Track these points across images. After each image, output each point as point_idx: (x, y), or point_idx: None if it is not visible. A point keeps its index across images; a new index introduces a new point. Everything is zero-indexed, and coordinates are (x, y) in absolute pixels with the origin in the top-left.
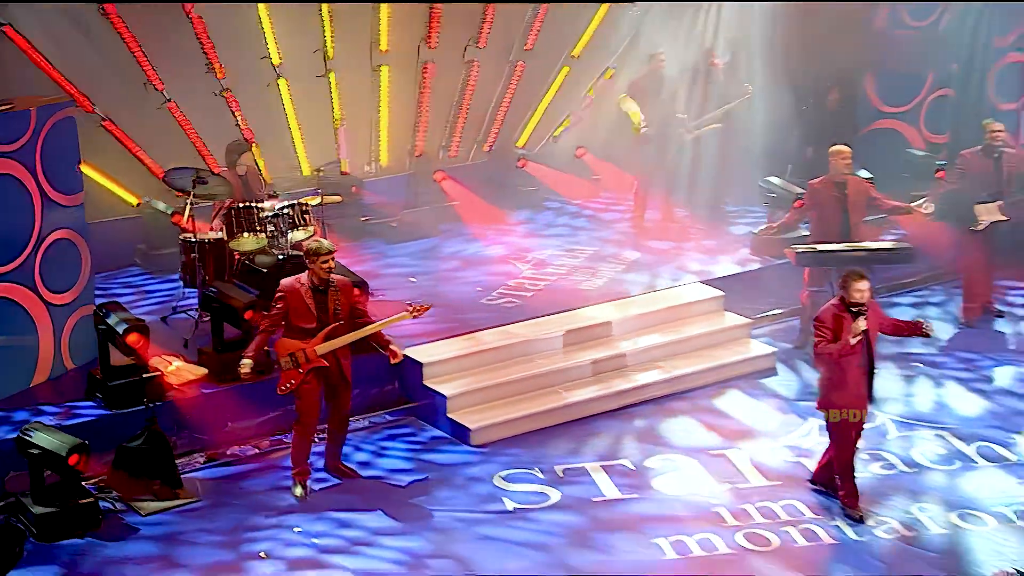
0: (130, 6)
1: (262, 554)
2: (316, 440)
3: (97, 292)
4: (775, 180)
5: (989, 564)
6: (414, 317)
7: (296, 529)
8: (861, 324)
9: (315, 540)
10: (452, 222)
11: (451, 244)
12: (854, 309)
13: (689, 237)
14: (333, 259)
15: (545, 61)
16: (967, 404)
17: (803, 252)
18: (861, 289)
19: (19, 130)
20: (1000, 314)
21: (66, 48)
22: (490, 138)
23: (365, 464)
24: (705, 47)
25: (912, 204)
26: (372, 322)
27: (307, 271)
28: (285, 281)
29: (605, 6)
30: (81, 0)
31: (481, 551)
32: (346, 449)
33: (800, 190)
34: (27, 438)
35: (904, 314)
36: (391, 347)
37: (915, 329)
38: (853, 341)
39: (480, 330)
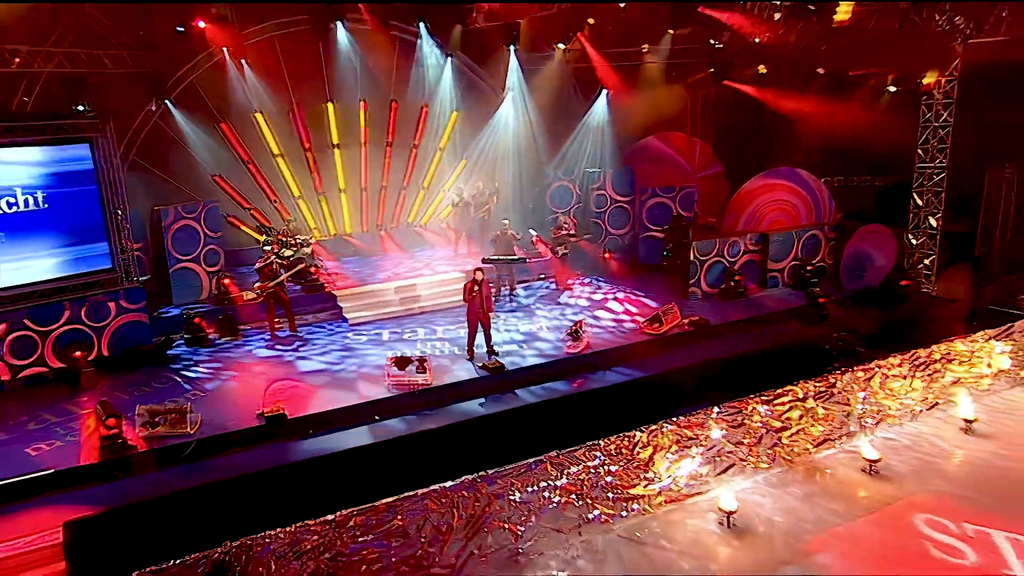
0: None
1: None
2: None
3: (239, 265)
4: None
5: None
6: (300, 269)
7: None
8: (474, 290)
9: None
10: (385, 251)
11: (385, 259)
12: (475, 287)
13: (469, 255)
14: (276, 261)
15: (433, 190)
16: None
17: (486, 258)
18: (476, 278)
19: (209, 211)
20: (570, 288)
21: (234, 180)
22: (406, 217)
23: (331, 331)
24: (480, 186)
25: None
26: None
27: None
28: (259, 263)
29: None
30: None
31: (307, 354)
32: (316, 331)
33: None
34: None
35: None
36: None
37: (489, 302)
38: (473, 295)
39: (365, 285)
